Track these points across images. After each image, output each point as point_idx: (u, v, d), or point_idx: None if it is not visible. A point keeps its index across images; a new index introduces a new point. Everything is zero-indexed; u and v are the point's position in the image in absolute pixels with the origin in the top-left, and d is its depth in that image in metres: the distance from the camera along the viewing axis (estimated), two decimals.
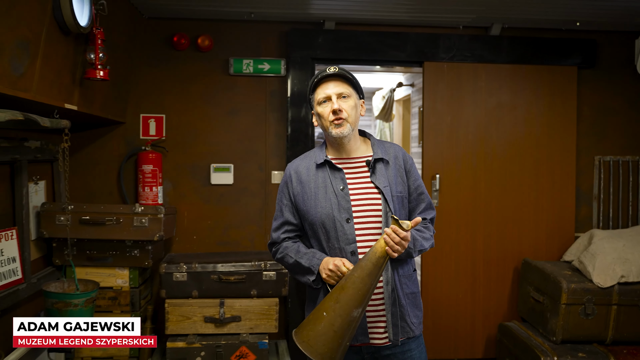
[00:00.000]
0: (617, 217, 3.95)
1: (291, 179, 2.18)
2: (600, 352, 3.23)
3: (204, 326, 3.16)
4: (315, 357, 1.90)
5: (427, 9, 3.42)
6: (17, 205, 2.88)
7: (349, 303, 1.89)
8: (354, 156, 2.14)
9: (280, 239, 2.20)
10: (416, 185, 2.17)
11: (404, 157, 2.19)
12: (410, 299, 2.11)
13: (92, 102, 2.92)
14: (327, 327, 1.89)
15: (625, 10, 3.44)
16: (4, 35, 1.95)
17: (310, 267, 2.06)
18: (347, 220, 2.05)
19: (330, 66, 2.12)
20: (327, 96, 2.08)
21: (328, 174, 2.11)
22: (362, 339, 2.05)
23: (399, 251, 1.90)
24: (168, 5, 3.36)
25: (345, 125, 2.06)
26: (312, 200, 2.10)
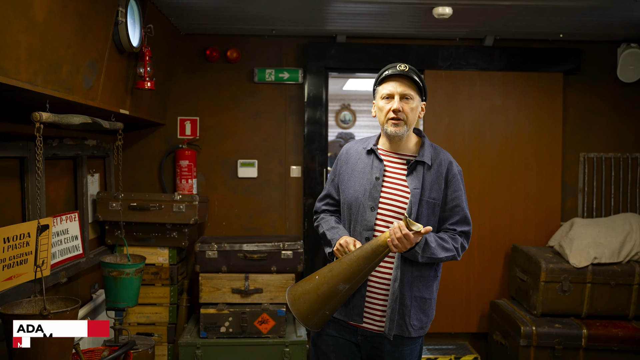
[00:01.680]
0: (600, 208, 4.38)
1: (341, 157, 2.32)
2: (574, 324, 3.69)
3: (231, 296, 3.72)
4: (295, 314, 2.05)
5: (428, 24, 3.89)
6: (79, 193, 3.47)
7: (338, 275, 2.00)
8: (401, 152, 2.22)
9: (320, 210, 2.38)
10: (453, 196, 2.18)
11: (450, 166, 2.20)
12: (417, 303, 2.15)
13: (140, 107, 3.51)
14: (313, 288, 2.03)
15: (607, 23, 3.83)
16: (80, 57, 2.53)
17: (331, 240, 2.21)
18: (372, 208, 2.15)
19: (400, 63, 2.18)
20: (391, 94, 2.14)
21: (371, 161, 2.21)
22: (357, 320, 2.17)
23: (398, 247, 1.96)
24: (202, 23, 3.93)
25: (402, 126, 2.13)
26: (350, 182, 2.22)
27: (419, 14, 3.58)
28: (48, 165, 3.02)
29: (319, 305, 2.03)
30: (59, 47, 2.29)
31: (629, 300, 3.75)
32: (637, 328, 3.66)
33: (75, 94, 2.53)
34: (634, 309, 3.75)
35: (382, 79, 2.19)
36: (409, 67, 2.17)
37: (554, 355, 3.61)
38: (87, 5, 2.48)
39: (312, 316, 2.04)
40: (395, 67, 2.17)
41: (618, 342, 3.61)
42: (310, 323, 2.08)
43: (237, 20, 3.82)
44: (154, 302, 3.83)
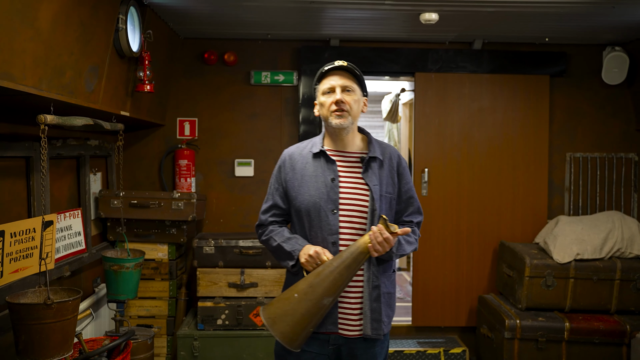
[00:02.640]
0: (586, 206, 4.52)
1: (285, 164, 2.22)
2: (558, 318, 3.83)
3: (227, 290, 3.87)
4: (277, 335, 1.94)
5: (417, 28, 4.03)
6: (82, 191, 3.63)
7: (322, 290, 1.93)
8: (349, 150, 2.19)
9: (267, 222, 2.24)
10: (406, 188, 2.21)
11: (399, 160, 2.22)
12: (386, 299, 2.15)
13: (140, 109, 3.67)
14: (295, 308, 1.93)
15: (592, 27, 3.95)
16: (82, 63, 2.68)
17: (292, 252, 2.10)
18: (333, 211, 2.08)
19: (339, 59, 2.18)
20: (332, 87, 2.11)
21: (321, 164, 2.15)
22: (331, 328, 2.09)
23: (379, 251, 1.95)
24: (200, 28, 4.08)
25: (347, 117, 2.10)
26: (302, 188, 2.13)
27: (408, 19, 3.73)
28: (52, 164, 3.18)
29: (304, 325, 1.95)
30: (62, 54, 2.45)
31: (611, 295, 3.88)
32: (619, 321, 3.79)
33: (78, 98, 2.69)
34: (615, 304, 3.89)
35: (322, 76, 2.17)
36: (347, 62, 2.15)
37: (537, 347, 3.75)
38: (89, 14, 2.64)
39: (297, 337, 1.96)
40: (334, 62, 2.16)
41: (600, 335, 3.74)
42: (294, 344, 1.99)
43: (234, 25, 3.97)
44: (154, 296, 3.98)
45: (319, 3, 3.36)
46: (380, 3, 3.33)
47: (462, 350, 4.18)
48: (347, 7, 3.46)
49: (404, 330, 4.53)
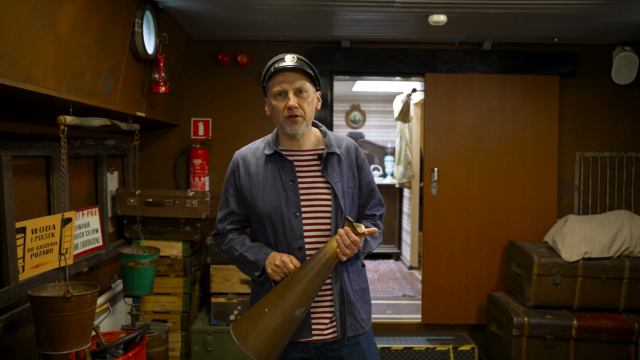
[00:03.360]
0: (596, 206, 4.54)
1: (238, 168, 2.08)
2: (565, 316, 3.86)
3: (240, 286, 3.96)
4: (252, 354, 1.85)
5: (427, 29, 4.08)
6: (99, 189, 3.74)
7: (293, 302, 1.84)
8: (305, 148, 2.06)
9: (225, 230, 2.11)
10: (367, 180, 2.11)
11: (356, 151, 2.11)
12: (360, 295, 2.06)
13: (155, 110, 3.77)
14: (268, 324, 1.85)
15: (601, 28, 3.98)
16: (100, 65, 2.78)
17: (256, 262, 1.98)
18: (296, 215, 1.97)
19: (287, 54, 1.99)
20: (284, 90, 1.95)
21: (278, 165, 2.01)
22: (306, 335, 1.99)
23: (348, 255, 1.87)
24: (214, 31, 4.17)
25: (301, 122, 1.96)
26: (260, 193, 2.01)
27: (417, 21, 3.79)
28: (71, 163, 3.29)
29: (278, 339, 1.86)
30: (81, 57, 2.55)
31: (619, 294, 3.91)
32: (627, 320, 3.82)
33: (95, 99, 2.79)
34: (624, 302, 3.91)
35: (271, 74, 1.98)
36: (297, 58, 1.97)
37: (545, 345, 3.79)
38: (106, 18, 2.74)
39: (271, 352, 1.87)
40: (283, 59, 1.96)
41: (607, 333, 3.77)
42: None
43: (247, 27, 4.06)
44: (169, 292, 4.08)
45: (330, 6, 3.43)
46: (389, 5, 3.39)
47: (471, 347, 4.23)
48: (357, 9, 3.53)
49: (413, 328, 4.59)
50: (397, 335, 4.46)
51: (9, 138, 2.63)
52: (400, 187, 7.18)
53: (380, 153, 8.12)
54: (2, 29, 1.90)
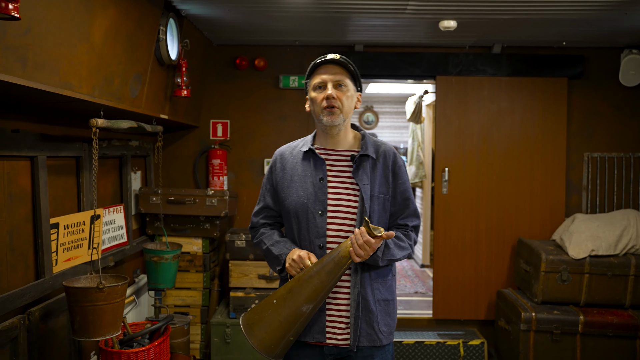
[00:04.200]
0: (603, 205, 4.65)
1: (275, 164, 2.13)
2: (572, 311, 3.99)
3: (257, 281, 4.13)
4: (254, 342, 1.86)
5: (438, 34, 4.21)
6: (124, 188, 3.93)
7: (300, 297, 1.84)
8: (340, 148, 2.07)
9: (259, 224, 2.17)
10: (402, 189, 2.07)
11: (394, 158, 2.08)
12: (382, 306, 2.01)
13: (177, 112, 3.95)
14: (274, 314, 1.85)
15: (609, 32, 4.10)
16: (128, 71, 2.96)
17: (279, 256, 2.01)
18: (321, 213, 1.98)
19: (330, 53, 2.05)
20: (323, 82, 1.99)
21: (311, 163, 2.04)
22: (319, 338, 1.98)
23: (361, 255, 1.83)
24: (232, 36, 4.35)
25: (338, 114, 1.98)
26: (290, 188, 2.04)
27: (428, 26, 3.93)
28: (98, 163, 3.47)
29: (282, 333, 1.86)
30: (111, 64, 2.73)
31: (625, 290, 4.02)
32: (632, 316, 3.93)
33: (123, 103, 2.97)
34: (630, 298, 4.03)
35: (313, 70, 2.04)
36: (339, 55, 2.02)
37: (552, 339, 3.91)
38: (134, 27, 2.92)
39: (275, 345, 1.87)
40: (326, 55, 2.03)
41: (613, 328, 3.89)
42: (273, 353, 1.90)
43: (264, 32, 4.22)
44: (189, 287, 4.26)
45: (344, 12, 3.58)
46: (401, 12, 3.54)
47: (481, 342, 4.36)
48: (369, 15, 3.68)
49: (424, 323, 4.73)
50: (409, 330, 4.60)
51: (44, 140, 2.81)
52: (412, 186, 7.31)
53: None
54: (45, 40, 2.08)
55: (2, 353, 2.39)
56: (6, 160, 2.53)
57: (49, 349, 2.77)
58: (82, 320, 2.58)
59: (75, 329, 2.59)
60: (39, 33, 2.03)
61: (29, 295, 2.62)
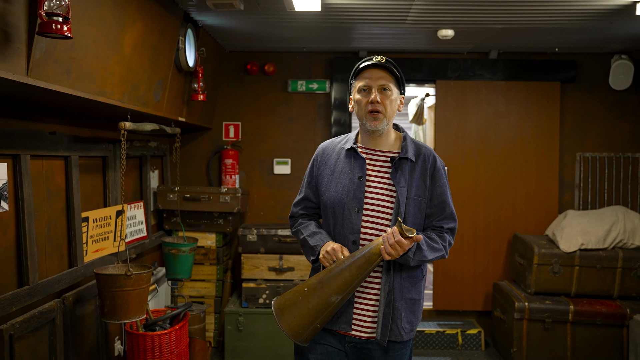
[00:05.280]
0: (595, 202, 4.91)
1: (317, 158, 2.20)
2: (563, 301, 4.24)
3: (268, 273, 4.41)
4: (283, 326, 1.95)
5: (438, 41, 4.48)
6: (144, 185, 4.21)
7: (330, 287, 1.92)
8: (381, 149, 2.11)
9: (298, 214, 2.25)
10: (439, 192, 2.09)
11: (434, 161, 2.11)
12: (408, 304, 2.06)
13: (193, 115, 4.23)
14: (303, 302, 1.94)
15: (599, 39, 4.33)
16: (152, 79, 3.25)
17: (314, 247, 2.08)
18: (357, 210, 2.04)
19: (376, 55, 2.09)
20: (369, 86, 2.04)
21: (351, 160, 2.09)
22: (345, 328, 2.06)
23: (391, 254, 1.88)
24: (244, 43, 4.63)
25: (382, 119, 2.03)
26: (330, 183, 2.10)
27: (428, 35, 4.20)
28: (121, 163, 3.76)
29: (310, 319, 1.95)
30: (138, 72, 3.02)
31: (613, 282, 4.27)
32: (620, 306, 4.18)
33: (147, 107, 3.26)
34: (617, 289, 4.28)
35: (359, 72, 2.10)
36: (385, 59, 2.07)
37: (544, 328, 4.17)
38: (158, 38, 3.20)
39: (303, 330, 1.96)
40: (372, 58, 2.07)
41: (602, 317, 4.14)
42: (300, 338, 1.98)
43: (274, 40, 4.50)
44: (203, 279, 4.54)
45: (349, 23, 3.86)
46: (402, 22, 3.81)
47: (478, 331, 4.63)
48: (373, 25, 3.95)
49: (425, 314, 5.00)
50: None
51: (76, 141, 3.09)
52: None
53: None
54: (85, 53, 2.36)
55: (42, 333, 2.68)
56: (45, 160, 2.82)
57: (80, 332, 3.05)
58: (111, 304, 2.85)
59: (105, 312, 2.87)
60: (81, 47, 2.31)
61: (64, 282, 2.91)
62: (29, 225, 2.59)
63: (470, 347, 4.62)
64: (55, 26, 1.84)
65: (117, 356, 3.50)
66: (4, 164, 2.46)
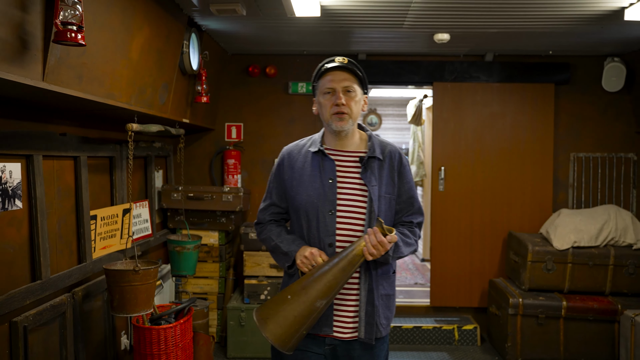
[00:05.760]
0: (588, 201, 5.03)
1: (283, 162, 2.17)
2: (556, 297, 4.36)
3: (269, 270, 4.53)
4: (270, 336, 1.91)
5: (434, 44, 4.59)
6: (149, 185, 4.33)
7: (315, 293, 1.90)
8: (348, 149, 2.12)
9: (265, 220, 2.21)
10: (407, 188, 2.13)
11: (399, 158, 2.14)
12: (384, 301, 2.10)
13: (196, 116, 4.35)
14: (289, 310, 1.90)
15: (592, 42, 4.45)
16: (158, 82, 3.37)
17: (288, 252, 2.05)
18: (330, 212, 2.03)
19: (338, 57, 2.08)
20: (333, 88, 2.04)
21: (320, 163, 2.08)
22: (326, 330, 2.06)
23: (374, 254, 1.90)
24: (246, 46, 4.75)
25: (347, 120, 2.03)
26: (300, 187, 2.08)
27: (425, 38, 4.32)
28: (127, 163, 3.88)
29: (296, 327, 1.93)
30: (144, 76, 3.14)
31: (605, 278, 4.39)
32: (612, 302, 4.30)
33: (153, 109, 3.38)
34: (609, 286, 4.40)
35: (321, 74, 2.10)
36: (348, 60, 2.07)
37: (537, 323, 4.29)
38: (163, 42, 3.32)
39: (289, 339, 1.93)
40: (334, 59, 2.08)
41: (594, 313, 4.26)
42: (287, 346, 1.95)
43: (275, 43, 4.62)
44: (206, 276, 4.67)
45: (348, 27, 3.98)
46: (399, 26, 3.93)
47: (474, 327, 4.75)
48: (371, 29, 4.07)
49: (423, 310, 5.12)
50: (408, 317, 4.99)
51: (84, 142, 3.21)
52: None
53: None
54: (95, 59, 2.49)
55: (53, 326, 2.80)
56: (56, 160, 2.94)
57: (88, 326, 3.17)
58: (120, 298, 2.98)
59: (114, 306, 2.99)
60: (92, 53, 2.44)
61: (74, 277, 3.03)
62: (41, 223, 2.72)
63: (467, 342, 4.74)
64: (70, 34, 1.96)
65: (124, 350, 3.62)
66: (18, 163, 2.58)
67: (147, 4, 2.93)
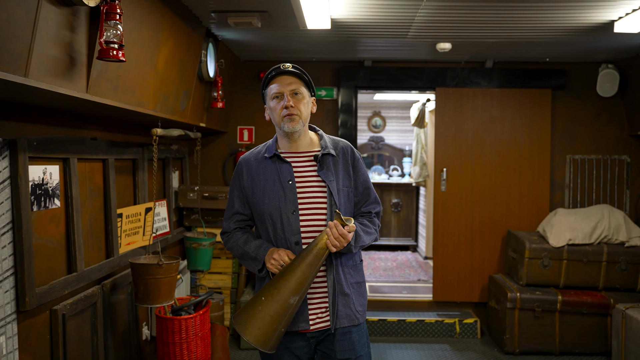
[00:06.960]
0: (584, 201, 5.27)
1: (242, 171, 2.23)
2: (552, 292, 4.60)
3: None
4: (249, 339, 1.97)
5: (437, 52, 4.84)
6: (167, 185, 4.59)
7: (286, 290, 1.96)
8: (302, 150, 2.19)
9: (231, 229, 2.26)
10: (362, 180, 2.22)
11: (352, 152, 2.23)
12: (355, 288, 2.18)
13: (212, 120, 4.61)
14: (264, 311, 1.97)
15: (587, 50, 4.69)
16: (179, 89, 3.62)
17: (257, 257, 2.11)
18: (293, 212, 2.09)
19: (284, 63, 2.15)
20: (281, 92, 2.10)
21: (277, 167, 2.15)
22: (303, 326, 2.12)
23: (337, 246, 1.96)
24: (257, 53, 5.00)
25: (298, 121, 2.09)
26: (261, 193, 2.14)
27: (428, 47, 4.57)
28: (148, 165, 4.14)
29: (274, 326, 1.99)
30: (168, 84, 3.39)
31: (599, 274, 4.63)
32: (605, 296, 4.54)
33: (175, 115, 3.64)
34: (602, 282, 4.64)
35: (269, 80, 2.17)
36: (292, 65, 2.15)
37: (534, 316, 4.53)
38: (185, 53, 3.58)
39: (269, 338, 2.00)
40: (280, 66, 2.15)
41: (588, 307, 4.50)
42: (267, 346, 2.02)
43: (285, 51, 4.87)
44: (220, 271, 4.92)
45: (355, 37, 4.23)
46: (403, 36, 4.18)
47: (474, 320, 4.99)
48: (377, 38, 4.32)
49: (425, 305, 5.37)
50: (412, 311, 5.24)
51: (112, 145, 3.47)
52: (417, 185, 7.94)
53: (399, 155, 8.90)
54: (128, 71, 2.74)
55: (85, 315, 3.06)
56: (87, 162, 3.20)
57: (115, 316, 3.43)
58: (144, 290, 3.22)
59: (139, 297, 3.24)
60: (126, 66, 2.69)
61: (103, 270, 3.28)
62: (76, 220, 2.97)
63: (467, 335, 4.98)
64: (112, 52, 2.22)
65: (145, 340, 3.88)
66: (57, 166, 2.84)
67: (173, 19, 3.19)
